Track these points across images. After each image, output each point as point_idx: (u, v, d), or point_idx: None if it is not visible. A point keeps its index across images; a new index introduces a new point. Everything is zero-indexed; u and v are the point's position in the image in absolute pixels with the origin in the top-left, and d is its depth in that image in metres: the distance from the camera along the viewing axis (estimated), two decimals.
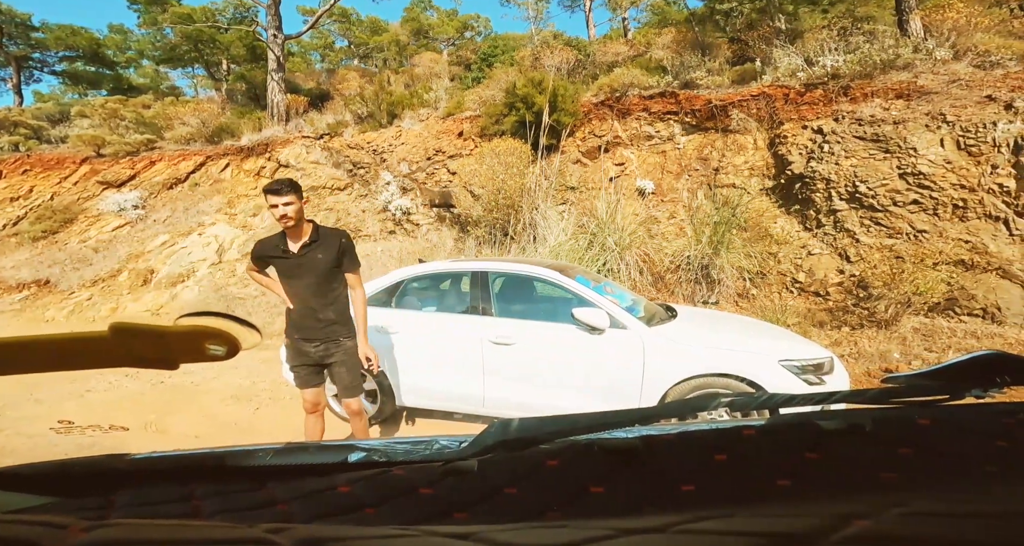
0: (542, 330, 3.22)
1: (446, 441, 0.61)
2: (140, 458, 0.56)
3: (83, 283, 7.47)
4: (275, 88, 10.98)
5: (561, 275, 3.33)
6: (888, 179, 5.43)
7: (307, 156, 9.07)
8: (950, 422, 0.55)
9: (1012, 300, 4.32)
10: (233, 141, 9.72)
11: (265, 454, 0.57)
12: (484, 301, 3.38)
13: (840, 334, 4.69)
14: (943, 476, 0.45)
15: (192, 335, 0.45)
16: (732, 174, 7.21)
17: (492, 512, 0.44)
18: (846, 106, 6.39)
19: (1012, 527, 0.26)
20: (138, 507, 0.46)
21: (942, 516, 0.28)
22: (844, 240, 5.57)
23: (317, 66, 22.83)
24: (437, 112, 10.25)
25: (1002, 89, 5.45)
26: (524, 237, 6.82)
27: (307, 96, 12.26)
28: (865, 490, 0.44)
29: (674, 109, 8.45)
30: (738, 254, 5.84)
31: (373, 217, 8.05)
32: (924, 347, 4.16)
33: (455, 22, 25.35)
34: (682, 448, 0.54)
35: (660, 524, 0.29)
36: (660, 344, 2.96)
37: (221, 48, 15.48)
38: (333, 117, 10.58)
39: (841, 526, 0.25)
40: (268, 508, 0.45)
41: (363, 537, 0.28)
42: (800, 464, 0.49)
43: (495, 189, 7.14)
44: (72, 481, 0.52)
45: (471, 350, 3.27)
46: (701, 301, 5.97)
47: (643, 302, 3.74)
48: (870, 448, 0.51)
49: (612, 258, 6.18)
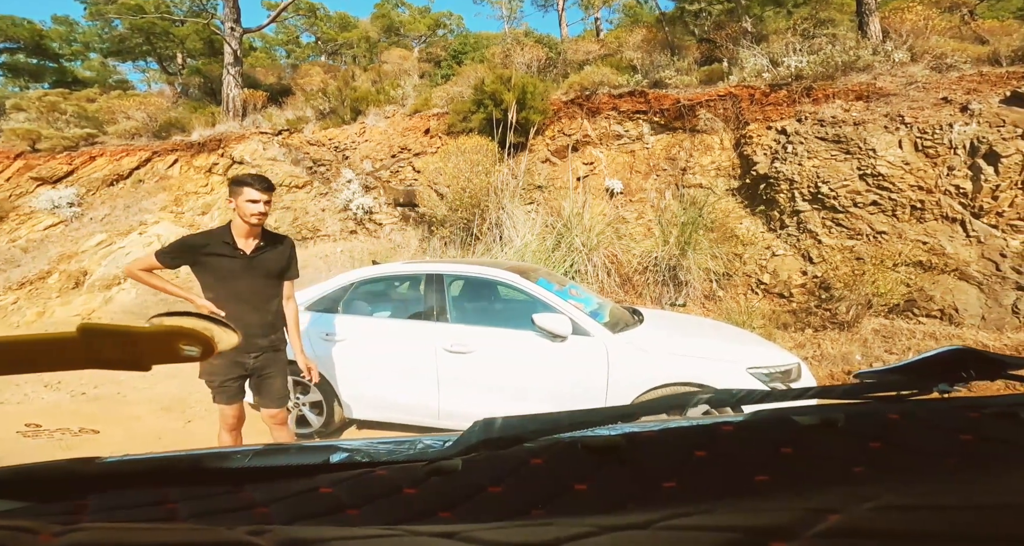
0: (501, 337, 3.04)
1: (430, 440, 0.61)
2: (112, 461, 0.55)
3: (9, 285, 6.85)
4: (231, 82, 10.47)
5: (521, 278, 3.14)
6: (849, 180, 5.47)
7: (264, 153, 8.63)
8: (918, 416, 0.56)
9: (969, 301, 4.38)
10: (183, 136, 9.17)
11: (243, 456, 0.56)
12: (439, 306, 3.17)
13: (804, 336, 4.67)
14: (911, 470, 0.47)
15: (165, 336, 0.43)
16: (699, 174, 7.19)
17: (476, 511, 0.44)
18: (809, 107, 6.44)
19: (974, 519, 0.26)
20: (111, 511, 0.46)
21: (910, 509, 0.28)
22: (807, 241, 5.58)
23: (283, 62, 22.07)
24: (404, 109, 9.96)
25: (957, 91, 5.57)
26: (489, 237, 6.62)
27: (267, 91, 11.76)
28: (838, 484, 0.44)
29: (643, 108, 8.41)
30: (704, 255, 5.79)
31: (333, 216, 7.69)
32: (884, 349, 4.16)
33: (427, 19, 24.99)
34: (663, 445, 0.55)
35: (643, 521, 0.29)
36: (625, 352, 2.82)
37: (176, 41, 14.74)
38: (294, 113, 10.13)
39: (817, 521, 0.26)
40: (247, 511, 0.45)
41: (346, 538, 0.28)
42: (777, 459, 0.49)
43: (460, 188, 6.92)
44: (42, 485, 0.50)
45: (425, 358, 3.06)
46: (669, 303, 5.89)
47: (609, 306, 3.59)
48: (843, 443, 0.52)
49: (579, 259, 6.04)
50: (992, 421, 0.53)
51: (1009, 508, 0.28)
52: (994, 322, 4.24)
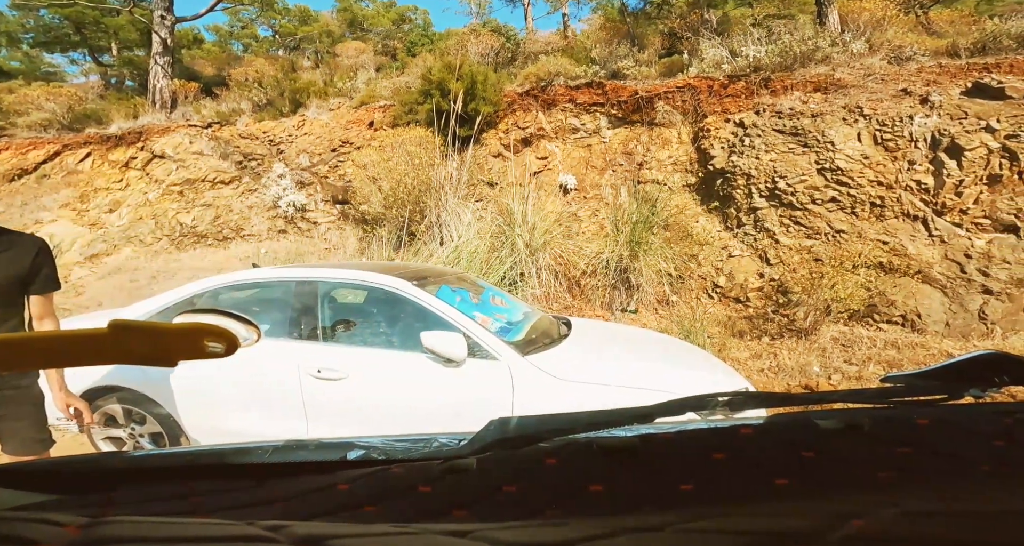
0: (383, 360, 2.48)
1: (445, 439, 0.61)
2: (139, 456, 0.61)
3: None
4: (159, 73, 9.64)
5: (413, 286, 2.57)
6: (807, 175, 5.08)
7: (189, 146, 7.85)
8: (948, 422, 0.56)
9: (932, 307, 4.01)
10: (99, 129, 8.31)
11: (264, 452, 0.57)
12: (308, 321, 2.59)
13: (760, 345, 4.23)
14: (941, 476, 0.45)
15: (191, 333, 0.43)
16: (656, 169, 6.76)
17: (491, 510, 0.44)
18: (767, 99, 6.07)
19: (1007, 527, 0.26)
20: (136, 505, 0.47)
21: (937, 515, 0.28)
22: (764, 241, 5.18)
23: (240, 56, 21.05)
24: (351, 102, 9.32)
25: (917, 83, 5.25)
26: (428, 237, 6.04)
27: (205, 83, 10.95)
28: (862, 489, 0.43)
29: (601, 100, 7.96)
30: (656, 256, 5.33)
31: (261, 214, 6.99)
32: (844, 359, 3.75)
33: (391, 13, 24.31)
34: (681, 447, 0.55)
35: (659, 523, 0.29)
36: (534, 379, 2.29)
37: (109, 32, 13.77)
38: (228, 105, 9.37)
39: (839, 526, 0.25)
40: (267, 506, 0.45)
41: (362, 535, 0.28)
42: (798, 463, 0.48)
43: (397, 183, 6.32)
44: (70, 479, 0.52)
45: (288, 385, 2.48)
46: (620, 309, 5.41)
47: (536, 317, 3.05)
48: (868, 447, 0.51)
49: (523, 261, 5.51)
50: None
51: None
52: (959, 329, 3.88)
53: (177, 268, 6.43)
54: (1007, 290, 3.96)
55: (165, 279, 6.15)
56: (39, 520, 0.26)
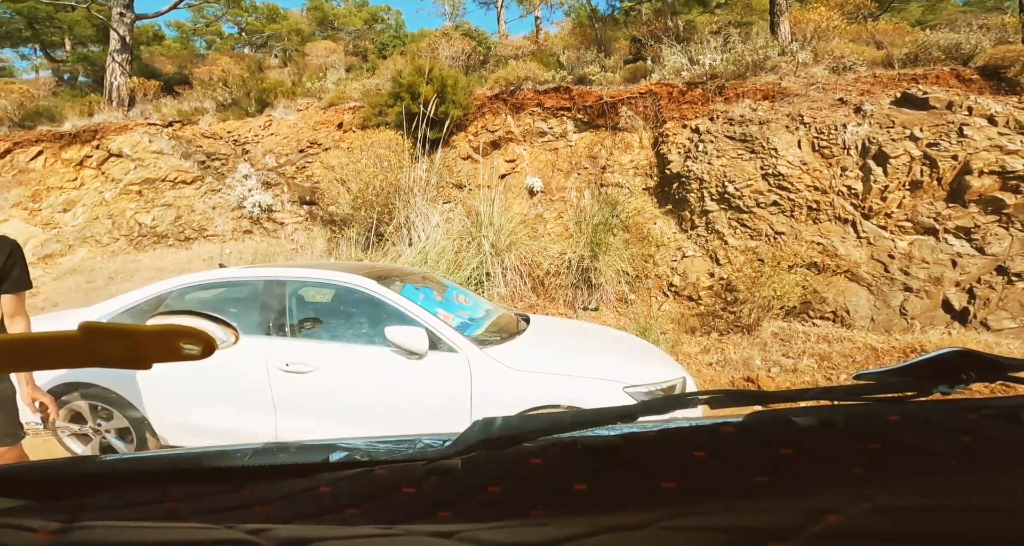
0: (349, 354, 2.61)
1: (429, 440, 0.61)
2: (112, 460, 0.56)
3: None
4: (116, 70, 9.36)
5: (377, 284, 2.71)
6: (753, 179, 5.44)
7: (149, 145, 7.68)
8: (917, 418, 0.57)
9: (859, 303, 4.39)
10: (52, 126, 8.03)
11: (243, 455, 0.56)
12: (276, 318, 2.70)
13: (709, 341, 4.53)
14: (911, 470, 0.47)
15: (165, 334, 0.42)
16: (618, 173, 7.05)
17: (475, 511, 0.44)
18: (721, 106, 6.43)
19: (973, 520, 0.27)
20: (111, 510, 0.46)
21: (908, 510, 0.29)
22: (715, 242, 5.51)
23: (204, 53, 20.42)
24: (320, 102, 9.28)
25: (852, 92, 5.68)
26: (397, 238, 6.14)
27: (166, 81, 10.66)
28: (837, 485, 0.44)
29: (568, 105, 8.20)
30: (616, 257, 5.60)
31: (225, 215, 6.92)
32: (782, 352, 4.07)
33: (363, 13, 24.01)
34: (663, 445, 0.56)
35: (642, 521, 0.30)
36: (491, 370, 2.47)
37: (63, 27, 13.23)
38: (191, 104, 9.18)
39: (814, 521, 0.26)
40: (247, 509, 0.45)
41: (346, 537, 0.28)
42: (776, 460, 0.49)
43: (365, 184, 6.39)
44: (43, 483, 0.51)
45: (256, 379, 2.59)
46: (581, 307, 5.66)
47: (497, 314, 3.24)
48: (842, 444, 0.52)
49: (489, 261, 5.69)
50: (992, 422, 0.54)
51: (1009, 509, 0.28)
52: (883, 323, 4.27)
53: (135, 269, 6.32)
54: (925, 288, 4.38)
55: (123, 280, 6.04)
56: (9, 526, 0.25)
